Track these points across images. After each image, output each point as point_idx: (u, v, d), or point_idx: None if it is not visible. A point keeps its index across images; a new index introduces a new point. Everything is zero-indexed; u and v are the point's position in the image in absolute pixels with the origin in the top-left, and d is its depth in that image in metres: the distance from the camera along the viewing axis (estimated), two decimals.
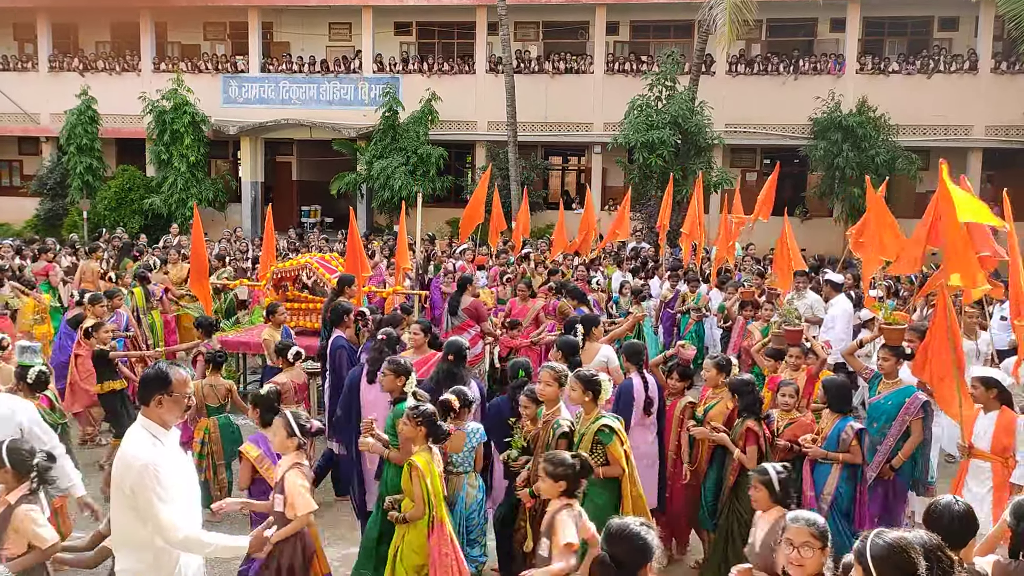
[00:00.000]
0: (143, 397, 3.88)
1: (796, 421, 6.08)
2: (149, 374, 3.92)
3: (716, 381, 6.38)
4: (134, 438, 3.80)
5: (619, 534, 3.11)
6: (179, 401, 3.90)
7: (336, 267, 9.98)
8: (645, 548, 3.07)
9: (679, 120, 20.16)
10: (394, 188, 22.32)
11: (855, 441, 5.71)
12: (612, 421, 5.20)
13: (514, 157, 22.36)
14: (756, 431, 5.66)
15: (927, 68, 22.71)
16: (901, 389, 6.29)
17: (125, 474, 3.70)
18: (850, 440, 5.70)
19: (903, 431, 6.14)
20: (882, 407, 6.33)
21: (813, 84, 22.49)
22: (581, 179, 26.52)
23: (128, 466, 3.70)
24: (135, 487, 3.67)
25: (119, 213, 23.87)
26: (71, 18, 26.46)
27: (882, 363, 6.45)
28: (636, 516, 3.85)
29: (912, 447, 6.13)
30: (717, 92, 22.18)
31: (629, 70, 23.65)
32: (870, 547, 2.88)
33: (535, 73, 24.27)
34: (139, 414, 3.90)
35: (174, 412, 3.91)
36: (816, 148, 21.44)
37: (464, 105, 24.13)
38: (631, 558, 3.06)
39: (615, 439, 5.09)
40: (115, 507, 3.82)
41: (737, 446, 5.70)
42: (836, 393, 5.97)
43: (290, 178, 27.20)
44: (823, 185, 21.75)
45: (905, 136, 21.81)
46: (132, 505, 3.71)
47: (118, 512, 3.80)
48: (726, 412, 6.09)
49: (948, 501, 3.78)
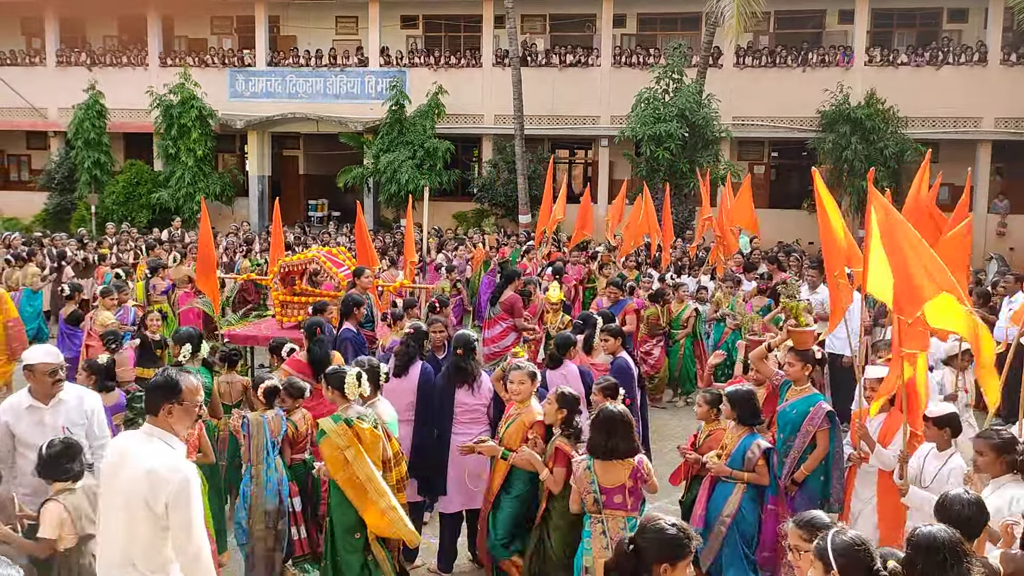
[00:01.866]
0: (150, 406, 3.67)
1: (714, 433, 5.65)
2: (157, 381, 3.70)
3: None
4: (157, 450, 3.53)
5: (650, 525, 3.12)
6: (190, 410, 3.68)
7: (343, 261, 9.99)
8: (672, 545, 3.06)
9: (686, 113, 20.09)
10: (401, 182, 22.32)
11: (762, 460, 5.21)
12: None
13: (521, 150, 22.32)
14: (566, 451, 5.06)
15: (936, 60, 22.56)
16: (806, 397, 5.81)
17: (159, 488, 3.44)
18: (756, 459, 5.21)
19: (808, 443, 5.67)
20: (787, 416, 5.85)
21: (821, 76, 22.37)
22: (588, 172, 26.47)
23: (164, 480, 3.44)
24: (174, 503, 3.44)
25: (127, 207, 23.95)
26: (79, 13, 26.48)
27: (788, 368, 5.94)
28: None
29: (816, 460, 5.66)
30: (724, 85, 22.10)
31: (636, 63, 23.56)
32: (831, 542, 2.98)
33: (542, 66, 24.21)
34: (145, 423, 3.68)
35: (184, 422, 3.69)
36: (824, 141, 21.35)
37: (471, 98, 24.09)
38: (652, 550, 3.06)
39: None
40: (129, 526, 3.52)
41: (547, 466, 5.11)
42: (743, 405, 5.37)
43: (297, 172, 27.23)
44: (831, 178, 21.64)
45: (914, 128, 21.70)
46: (163, 524, 3.47)
47: (137, 532, 3.51)
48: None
49: (957, 493, 3.80)
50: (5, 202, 25.99)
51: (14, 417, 4.77)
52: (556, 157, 26.41)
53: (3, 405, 4.93)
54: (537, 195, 23.39)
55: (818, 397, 5.83)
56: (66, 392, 4.87)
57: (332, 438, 4.77)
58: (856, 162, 20.42)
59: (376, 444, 4.88)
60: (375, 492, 4.72)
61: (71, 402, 4.87)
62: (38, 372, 4.83)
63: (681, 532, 3.07)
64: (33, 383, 4.86)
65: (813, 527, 3.36)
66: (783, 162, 25.34)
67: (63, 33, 26.60)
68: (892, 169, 20.63)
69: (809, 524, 3.41)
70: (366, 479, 4.72)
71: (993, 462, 4.38)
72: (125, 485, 3.51)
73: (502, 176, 23.64)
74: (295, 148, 26.97)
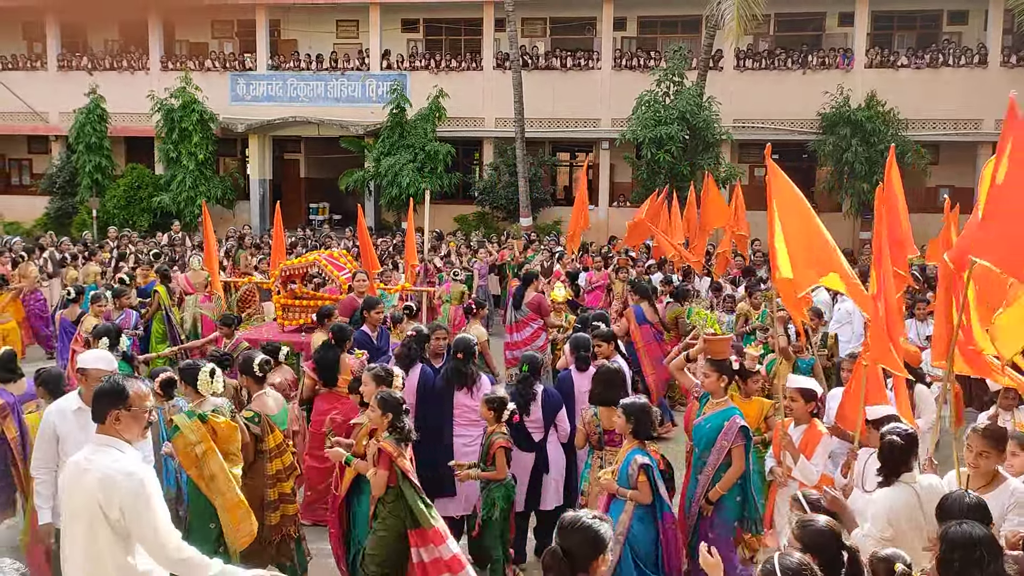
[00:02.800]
0: (97, 413, 3.60)
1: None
2: (104, 387, 3.62)
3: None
4: (104, 456, 3.47)
5: (571, 526, 3.12)
6: (138, 417, 3.61)
7: (345, 264, 10.00)
8: (597, 540, 3.08)
9: (687, 115, 20.10)
10: (402, 185, 22.33)
11: (642, 477, 4.91)
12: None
13: (522, 153, 22.34)
14: (389, 452, 4.98)
15: (936, 62, 22.58)
16: (722, 411, 5.45)
17: (111, 494, 3.40)
18: (635, 476, 4.92)
19: (722, 459, 5.31)
20: (701, 430, 5.51)
21: (822, 78, 22.39)
22: (589, 175, 26.45)
23: (115, 484, 3.40)
24: (128, 505, 3.40)
25: (128, 211, 23.97)
26: (79, 18, 26.53)
27: (703, 379, 5.61)
28: None
29: (732, 479, 5.30)
30: (725, 87, 22.13)
31: (637, 66, 23.59)
32: (779, 565, 2.98)
33: (542, 69, 24.23)
34: (95, 433, 3.60)
35: (132, 429, 3.60)
36: (825, 143, 21.37)
37: (471, 102, 24.11)
38: (582, 551, 3.06)
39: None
40: (87, 540, 3.45)
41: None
42: (639, 418, 5.07)
43: (298, 175, 27.24)
44: (832, 180, 21.67)
45: (914, 130, 21.71)
46: (119, 529, 3.43)
47: (94, 544, 3.45)
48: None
49: (959, 495, 3.81)
50: (7, 206, 26.01)
51: (60, 419, 4.82)
52: (557, 160, 26.47)
53: (52, 407, 4.97)
54: (538, 198, 23.51)
55: (733, 411, 5.42)
56: None
57: (185, 433, 4.95)
58: (856, 164, 20.44)
59: (232, 435, 5.08)
60: (224, 485, 4.92)
61: None
62: (91, 377, 4.91)
63: (599, 519, 3.13)
64: (85, 387, 4.95)
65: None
66: (784, 164, 25.20)
67: (64, 38, 26.64)
68: None
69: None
70: (212, 476, 4.91)
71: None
72: (80, 498, 3.47)
73: (503, 179, 23.65)
74: (296, 152, 26.99)
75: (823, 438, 5.26)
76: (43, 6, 25.30)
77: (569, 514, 3.21)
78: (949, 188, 23.13)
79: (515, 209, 23.02)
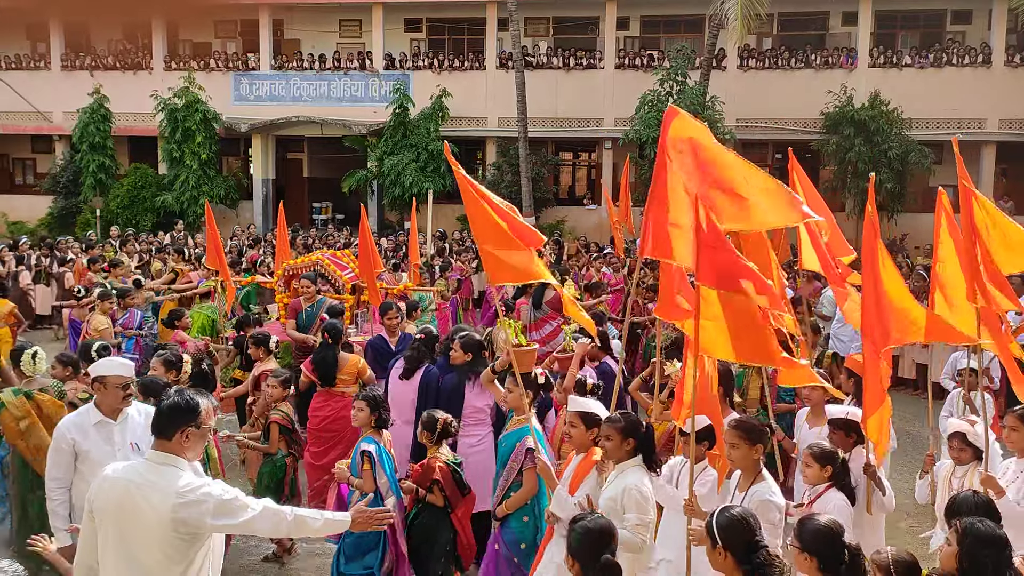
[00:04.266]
0: (163, 428, 3.41)
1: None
2: (177, 402, 3.44)
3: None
4: (167, 477, 3.32)
5: (583, 531, 3.35)
6: (204, 435, 3.49)
7: (348, 264, 10.01)
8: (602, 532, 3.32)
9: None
10: (405, 185, 22.35)
11: (367, 465, 5.24)
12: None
13: (525, 153, 22.35)
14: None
15: (940, 61, 22.55)
16: (518, 429, 5.24)
17: (190, 516, 3.29)
18: (360, 464, 5.34)
19: (512, 480, 5.17)
20: (500, 447, 5.38)
21: (825, 78, 22.36)
22: (592, 175, 26.47)
23: (197, 507, 3.30)
24: (219, 526, 3.37)
25: (132, 211, 24.00)
26: (84, 18, 26.58)
27: (507, 395, 5.46)
28: None
29: (520, 500, 5.11)
30: (728, 87, 22.11)
31: (640, 65, 23.58)
32: (716, 519, 3.19)
33: (545, 69, 24.24)
34: (151, 450, 3.44)
35: (197, 448, 3.47)
36: (828, 142, 21.34)
37: (474, 101, 24.12)
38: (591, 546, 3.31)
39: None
40: (145, 558, 3.32)
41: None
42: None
43: (301, 175, 27.28)
44: (835, 180, 21.63)
45: (918, 130, 21.68)
46: (195, 548, 3.36)
47: (165, 566, 3.33)
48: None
49: (967, 495, 3.86)
50: (11, 206, 26.06)
51: (81, 435, 4.58)
52: (560, 159, 26.46)
53: (65, 423, 4.68)
54: (541, 197, 23.50)
55: (525, 431, 5.12)
56: (132, 407, 4.73)
57: (10, 410, 5.30)
58: (860, 164, 20.40)
59: (58, 411, 5.40)
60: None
61: (137, 418, 4.70)
62: (110, 384, 4.63)
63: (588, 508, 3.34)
64: (102, 396, 4.66)
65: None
66: (787, 164, 25.31)
67: (68, 38, 26.66)
68: (896, 171, 20.61)
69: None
70: (37, 447, 5.23)
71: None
72: (140, 522, 3.31)
73: (506, 178, 23.67)
74: (299, 151, 27.02)
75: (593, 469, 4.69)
76: (46, 9, 25.35)
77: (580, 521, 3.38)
78: (952, 187, 23.10)
79: (518, 208, 22.99)
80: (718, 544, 3.13)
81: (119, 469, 3.46)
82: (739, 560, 3.09)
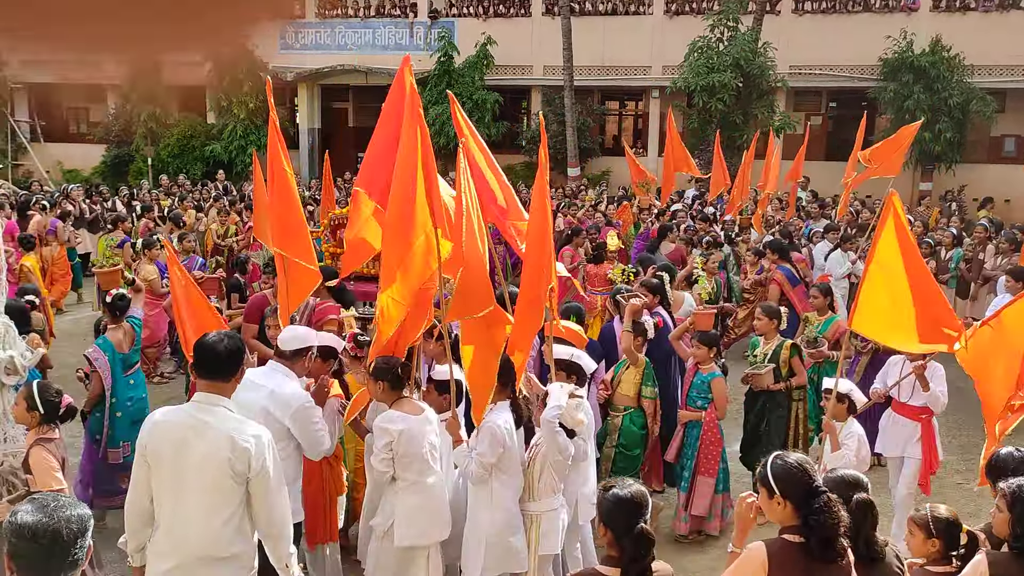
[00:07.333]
0: (221, 370, 3.53)
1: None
2: (237, 346, 3.60)
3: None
4: (229, 417, 3.47)
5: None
6: (240, 379, 3.70)
7: None
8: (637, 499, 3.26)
9: (741, 62, 19.56)
10: (449, 135, 22.23)
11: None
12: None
13: (570, 102, 22.04)
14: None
15: (1006, 4, 21.50)
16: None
17: (244, 454, 3.40)
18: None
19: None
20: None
21: (885, 22, 21.50)
22: (639, 124, 26.03)
23: (249, 444, 3.41)
24: (260, 464, 3.42)
25: (182, 160, 24.37)
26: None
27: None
28: None
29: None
30: (782, 32, 21.41)
31: (690, 10, 22.94)
32: (770, 467, 3.08)
33: (592, 15, 23.74)
34: (202, 392, 3.52)
35: (235, 390, 3.69)
36: (885, 90, 20.65)
37: (519, 49, 23.78)
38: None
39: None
40: (212, 505, 3.42)
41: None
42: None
43: (347, 124, 27.32)
44: (892, 129, 20.96)
45: (980, 77, 20.82)
46: (242, 496, 3.46)
47: (220, 512, 3.43)
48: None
49: (1009, 450, 3.82)
50: (66, 154, 26.62)
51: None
52: (606, 109, 26.04)
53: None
54: (587, 147, 23.22)
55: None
56: None
57: None
58: (919, 112, 19.71)
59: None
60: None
61: None
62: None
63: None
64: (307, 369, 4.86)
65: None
66: (841, 113, 24.57)
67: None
68: (956, 120, 19.90)
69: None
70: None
71: None
72: (205, 462, 3.40)
73: (551, 128, 23.39)
74: (344, 101, 27.02)
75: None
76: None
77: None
78: (1015, 138, 22.23)
79: (563, 159, 22.82)
80: (775, 494, 3.05)
81: (168, 412, 3.55)
82: (798, 507, 3.02)
